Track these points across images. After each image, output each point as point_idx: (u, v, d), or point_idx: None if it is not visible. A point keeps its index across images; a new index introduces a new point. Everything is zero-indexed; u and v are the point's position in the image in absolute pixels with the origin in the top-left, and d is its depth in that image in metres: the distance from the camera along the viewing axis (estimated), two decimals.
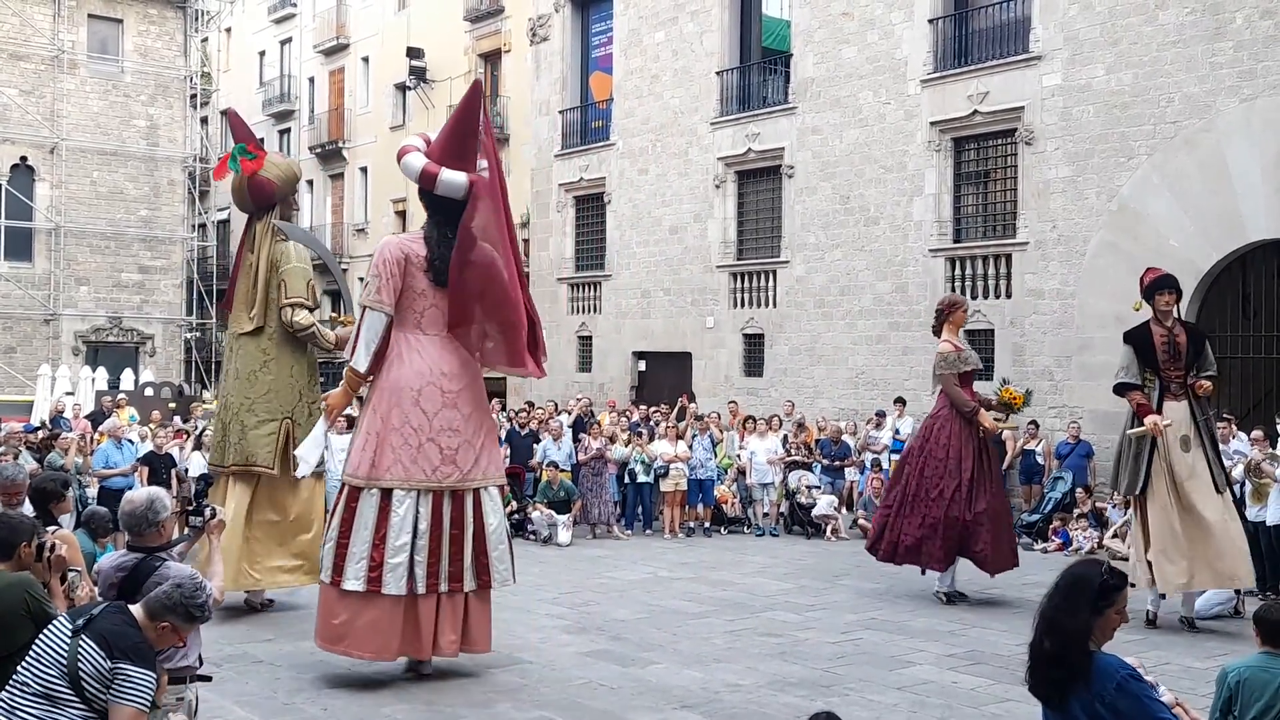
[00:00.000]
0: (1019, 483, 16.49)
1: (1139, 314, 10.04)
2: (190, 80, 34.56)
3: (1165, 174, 15.83)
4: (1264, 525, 11.13)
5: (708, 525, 16.08)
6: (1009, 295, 17.53)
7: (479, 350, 7.87)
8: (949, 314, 11.14)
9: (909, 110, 18.98)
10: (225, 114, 12.06)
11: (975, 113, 18.03)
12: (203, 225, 37.87)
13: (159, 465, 13.55)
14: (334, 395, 8.17)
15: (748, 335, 21.80)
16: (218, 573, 5.42)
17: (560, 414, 17.83)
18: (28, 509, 6.30)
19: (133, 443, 14.33)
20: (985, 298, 17.86)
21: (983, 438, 10.72)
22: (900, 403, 18.18)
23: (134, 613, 4.31)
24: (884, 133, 19.37)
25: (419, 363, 7.68)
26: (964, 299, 11.74)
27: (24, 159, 31.59)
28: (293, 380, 9.76)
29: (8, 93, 31.04)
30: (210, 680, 5.77)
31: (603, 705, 7.36)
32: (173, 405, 21.16)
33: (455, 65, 32.48)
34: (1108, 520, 14.39)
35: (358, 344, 7.79)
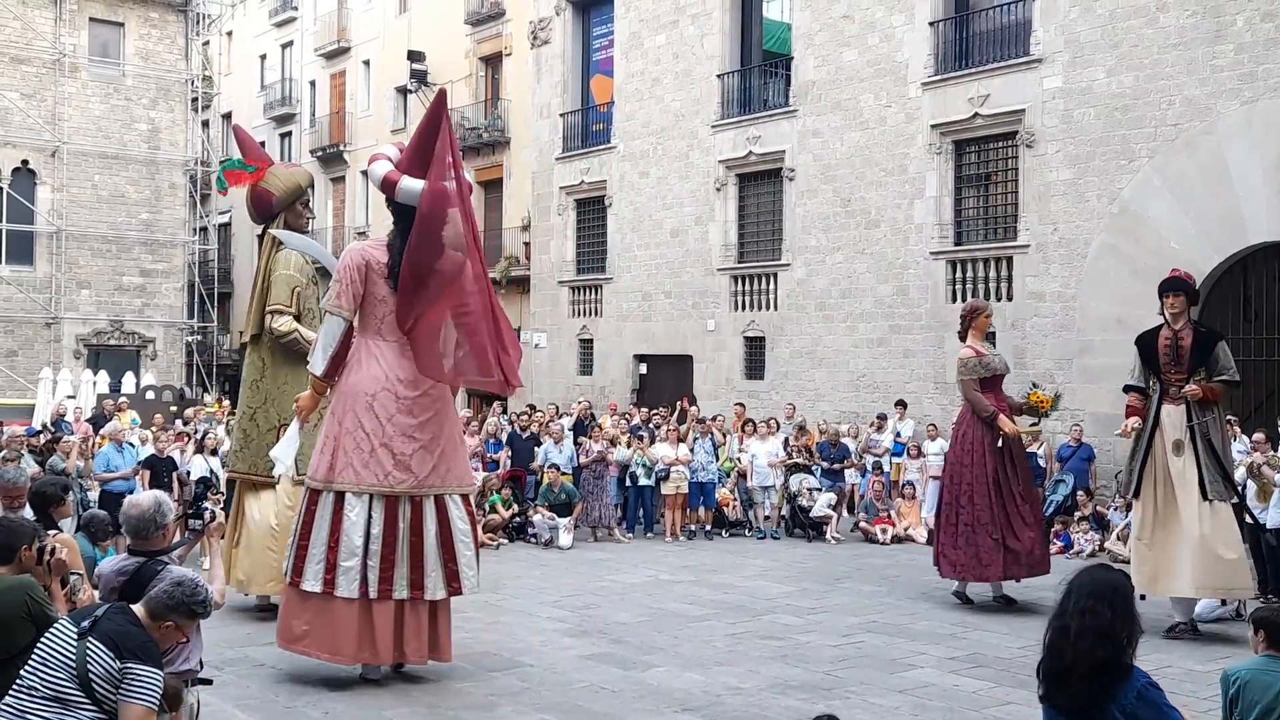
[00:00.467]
0: None
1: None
2: (191, 84, 34.58)
3: (1166, 177, 15.84)
4: (1265, 528, 11.12)
5: (709, 528, 16.07)
6: (1010, 298, 17.54)
7: (450, 358, 7.81)
8: (972, 319, 11.13)
9: (910, 113, 18.99)
10: (232, 127, 12.10)
11: (976, 115, 18.04)
12: (204, 229, 37.90)
13: (161, 469, 13.54)
14: (304, 398, 8.29)
15: (749, 338, 21.81)
16: (218, 575, 5.42)
17: (561, 417, 17.83)
18: (28, 513, 6.30)
19: (134, 446, 14.32)
20: (986, 300, 17.85)
21: (1004, 443, 10.61)
22: (901, 405, 18.18)
23: (136, 613, 4.33)
24: (885, 135, 19.38)
25: (375, 368, 7.72)
26: (986, 303, 11.64)
27: (25, 162, 31.62)
28: (287, 387, 9.73)
29: (9, 96, 31.07)
30: (211, 684, 5.77)
31: (604, 708, 7.35)
32: (174, 408, 21.14)
33: (456, 68, 32.50)
34: (1109, 523, 14.39)
35: (317, 348, 7.96)
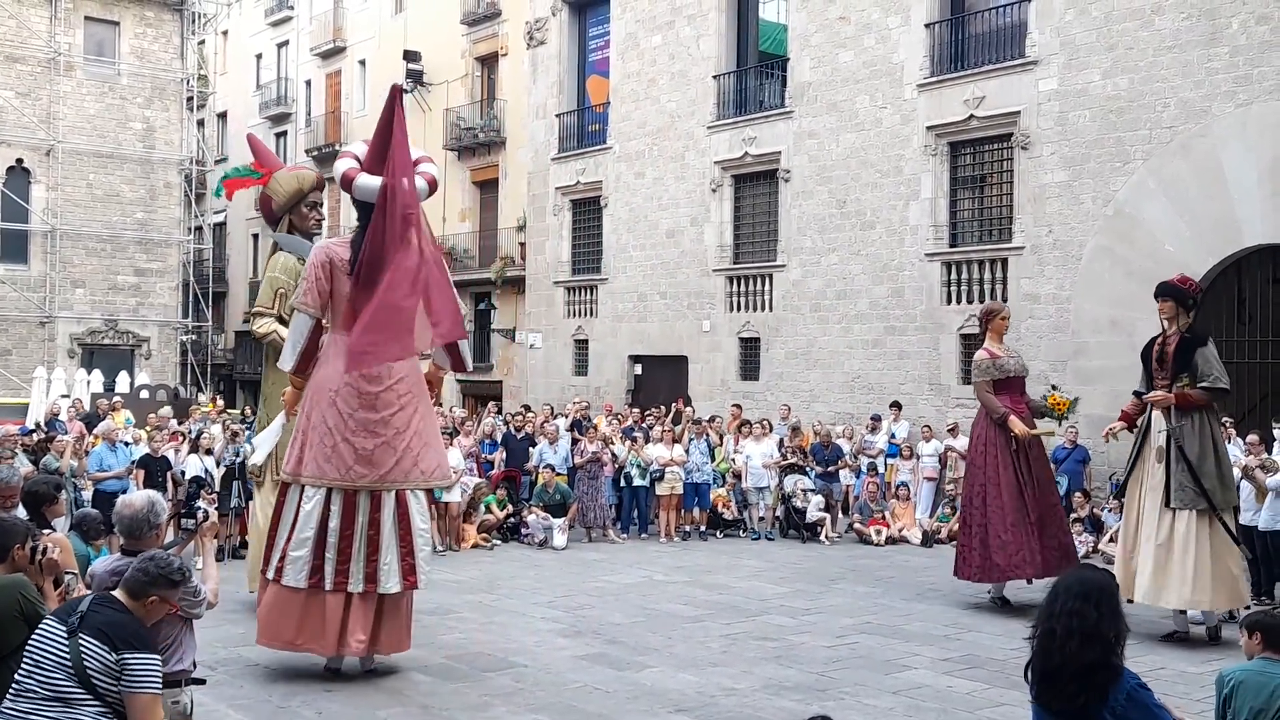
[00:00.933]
0: None
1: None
2: (187, 83, 34.52)
3: (1161, 179, 15.86)
4: (1258, 530, 11.14)
5: (703, 529, 16.08)
6: (1005, 299, 17.53)
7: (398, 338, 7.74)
8: (988, 321, 11.22)
9: (905, 115, 19.00)
10: (247, 136, 12.21)
11: (971, 117, 18.05)
12: (199, 228, 37.83)
13: (155, 468, 13.51)
14: (289, 392, 8.51)
15: (744, 339, 21.81)
16: (211, 575, 5.41)
17: (557, 418, 17.83)
18: (21, 512, 6.28)
19: (127, 445, 14.30)
20: (981, 302, 17.83)
21: (1019, 445, 10.58)
22: (896, 407, 18.19)
23: (120, 599, 4.33)
24: (880, 137, 19.39)
25: (340, 364, 7.81)
26: (1002, 305, 11.66)
27: (20, 161, 31.56)
28: (275, 387, 9.74)
29: (4, 95, 31.01)
30: (205, 684, 5.76)
31: (598, 709, 7.35)
32: (168, 408, 21.09)
33: (452, 68, 32.48)
34: (1104, 525, 14.41)
35: (287, 345, 8.21)
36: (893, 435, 17.70)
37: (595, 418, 18.70)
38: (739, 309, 21.87)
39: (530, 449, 16.52)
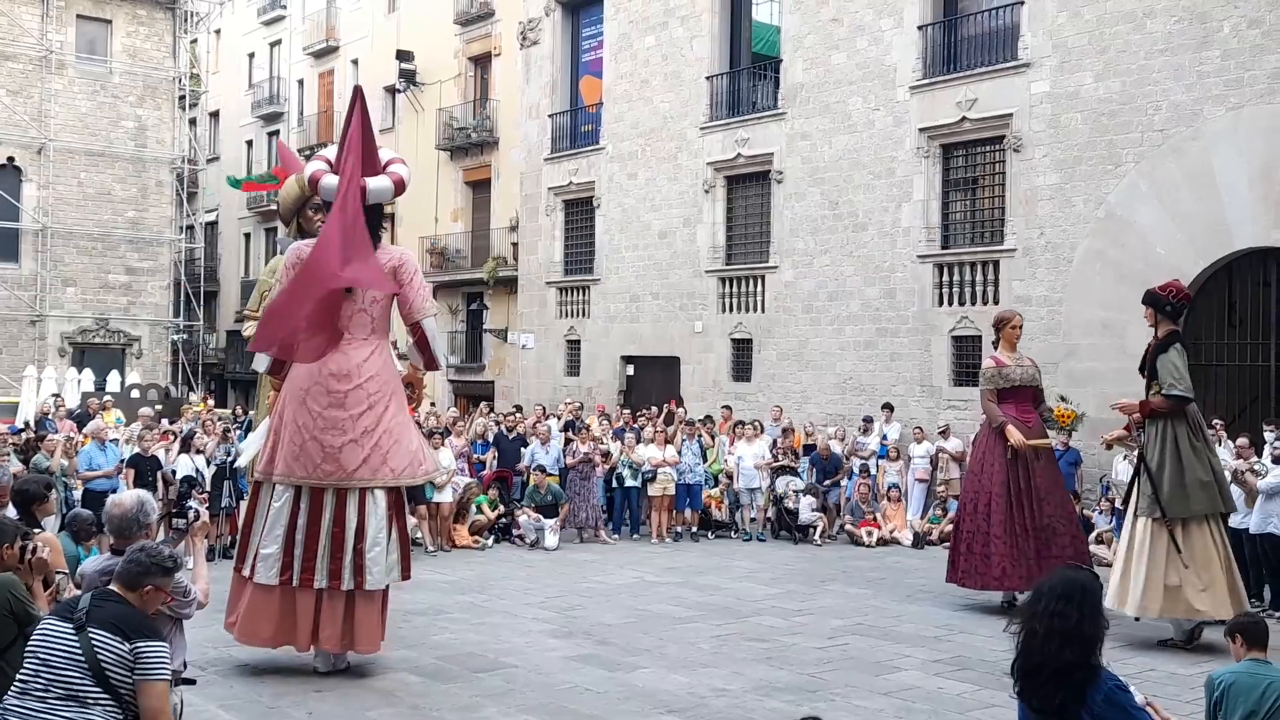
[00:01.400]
0: None
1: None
2: (179, 81, 34.43)
3: (1152, 182, 15.90)
4: (1247, 534, 11.15)
5: (695, 530, 16.08)
6: (996, 302, 17.55)
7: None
8: (1000, 329, 11.20)
9: (898, 116, 19.03)
10: (276, 144, 12.35)
11: (964, 119, 18.08)
12: (190, 227, 37.72)
13: (145, 468, 13.47)
14: (271, 395, 8.59)
15: (736, 340, 21.81)
16: (202, 575, 5.41)
17: (549, 418, 17.82)
18: (11, 511, 6.27)
19: (116, 444, 14.26)
20: (972, 304, 17.91)
21: (1020, 453, 10.53)
22: (888, 408, 18.21)
23: (117, 592, 4.35)
24: (873, 139, 19.41)
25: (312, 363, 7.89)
26: (1013, 313, 11.47)
27: (11, 159, 31.45)
28: (263, 388, 9.76)
29: None
30: (194, 683, 5.76)
31: (589, 710, 7.35)
32: (159, 407, 21.02)
33: (445, 68, 32.47)
34: (1095, 526, 14.43)
35: None
36: (884, 437, 17.71)
37: (587, 418, 18.71)
38: (731, 310, 21.88)
39: (522, 449, 16.51)
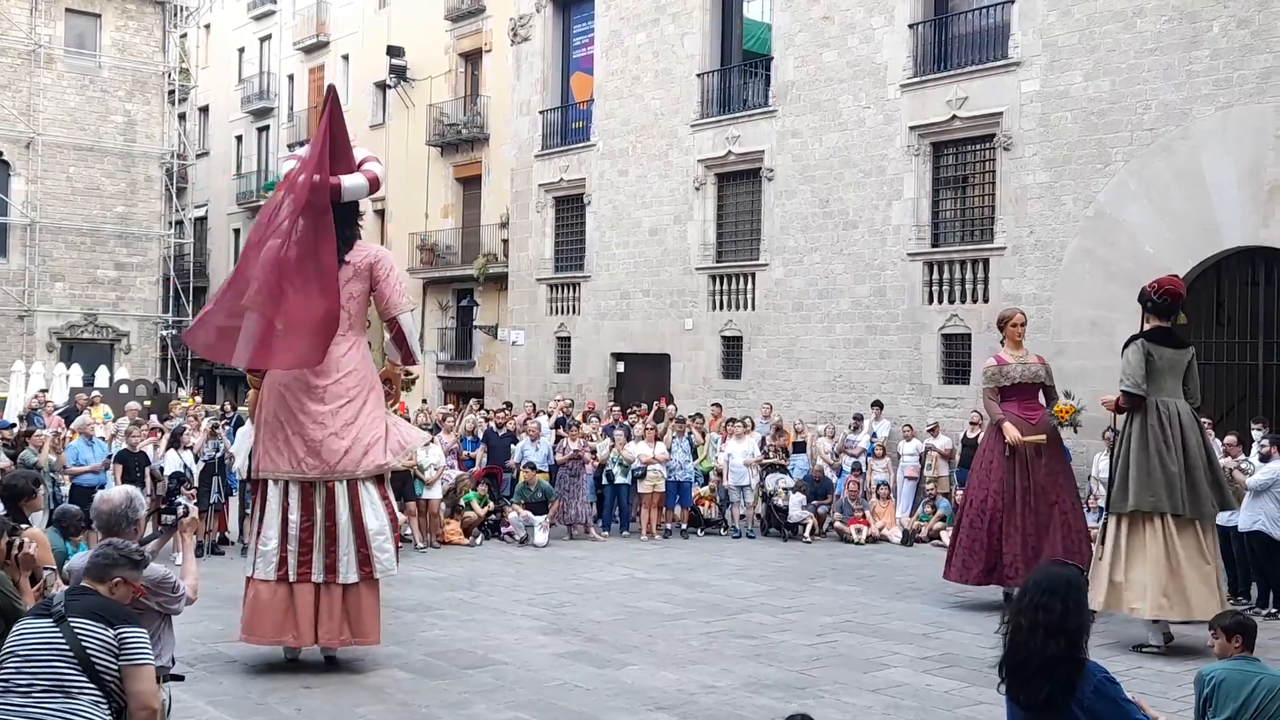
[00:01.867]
0: None
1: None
2: (168, 76, 34.33)
3: (1142, 180, 15.94)
4: (1235, 531, 11.19)
5: (684, 527, 16.09)
6: (986, 300, 17.61)
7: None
8: (1003, 328, 11.23)
9: (888, 115, 19.05)
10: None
11: (954, 118, 18.10)
12: (179, 222, 37.59)
13: (132, 464, 13.43)
14: (250, 394, 8.64)
15: (726, 337, 21.83)
16: (190, 571, 5.39)
17: (539, 415, 17.81)
18: None
19: (103, 439, 14.21)
20: (962, 302, 17.94)
21: (1013, 452, 10.54)
22: (877, 406, 18.23)
23: (88, 586, 4.34)
24: (863, 137, 19.43)
25: None
26: (1014, 311, 11.45)
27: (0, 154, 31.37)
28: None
29: None
30: (183, 680, 5.74)
31: (578, 706, 7.35)
32: (148, 403, 20.96)
33: (436, 64, 32.40)
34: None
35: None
36: (874, 435, 17.73)
37: (577, 414, 18.70)
38: (721, 307, 21.89)
39: (512, 446, 16.50)
